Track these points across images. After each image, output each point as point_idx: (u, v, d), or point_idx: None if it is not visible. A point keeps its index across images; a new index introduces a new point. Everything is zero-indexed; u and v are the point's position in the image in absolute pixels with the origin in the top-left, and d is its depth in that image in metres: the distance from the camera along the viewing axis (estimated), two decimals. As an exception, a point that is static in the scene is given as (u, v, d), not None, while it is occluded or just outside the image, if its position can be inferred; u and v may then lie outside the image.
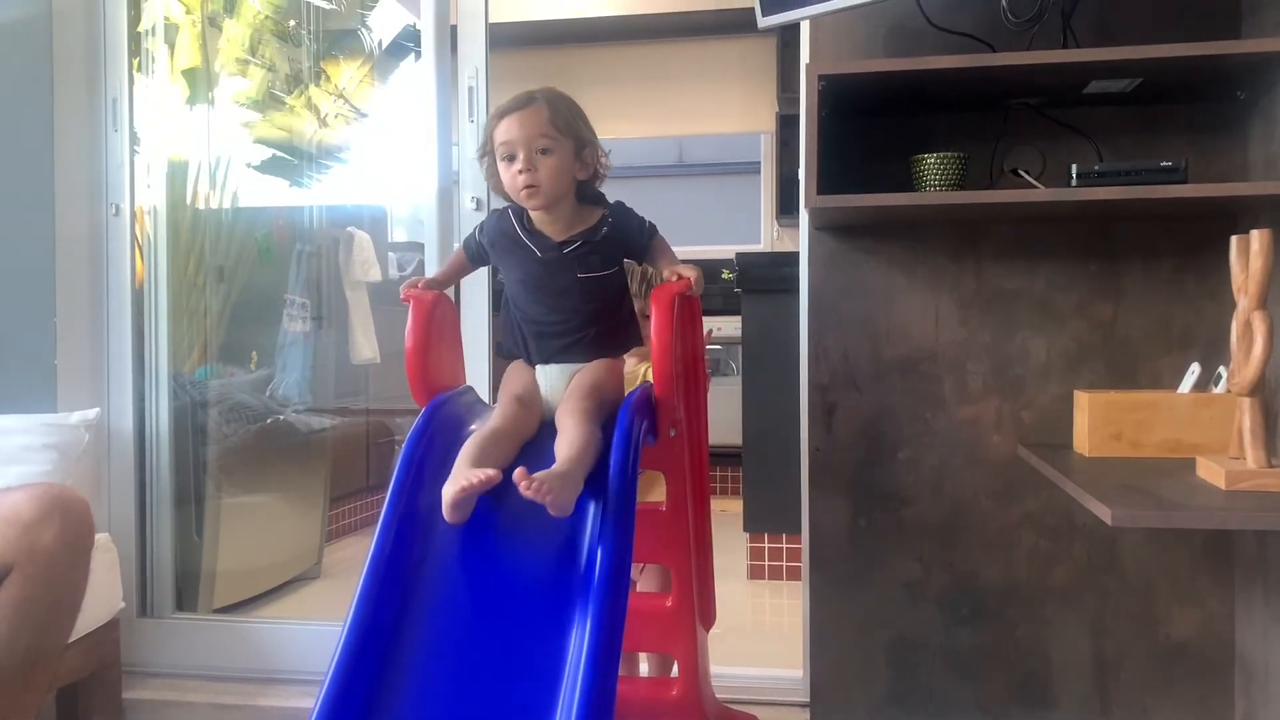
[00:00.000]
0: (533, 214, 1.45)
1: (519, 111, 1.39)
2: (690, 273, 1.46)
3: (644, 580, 1.85)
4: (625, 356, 1.73)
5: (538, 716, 1.11)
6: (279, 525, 3.09)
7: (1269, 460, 1.32)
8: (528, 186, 1.39)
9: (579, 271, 1.43)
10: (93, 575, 1.68)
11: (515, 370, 1.48)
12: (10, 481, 1.73)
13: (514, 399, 1.40)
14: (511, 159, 1.40)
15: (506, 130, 1.39)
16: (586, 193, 1.46)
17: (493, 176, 1.45)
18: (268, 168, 3.15)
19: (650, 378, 1.44)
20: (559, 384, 1.44)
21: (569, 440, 1.28)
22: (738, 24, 4.30)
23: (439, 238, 2.24)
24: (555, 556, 1.26)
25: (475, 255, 1.53)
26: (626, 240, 1.47)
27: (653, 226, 1.49)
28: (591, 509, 1.28)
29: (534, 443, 1.37)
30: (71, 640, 1.72)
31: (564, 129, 1.40)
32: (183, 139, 2.74)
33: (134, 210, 2.40)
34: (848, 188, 1.74)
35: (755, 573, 3.09)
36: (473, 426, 1.41)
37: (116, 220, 2.37)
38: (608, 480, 1.28)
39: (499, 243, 1.48)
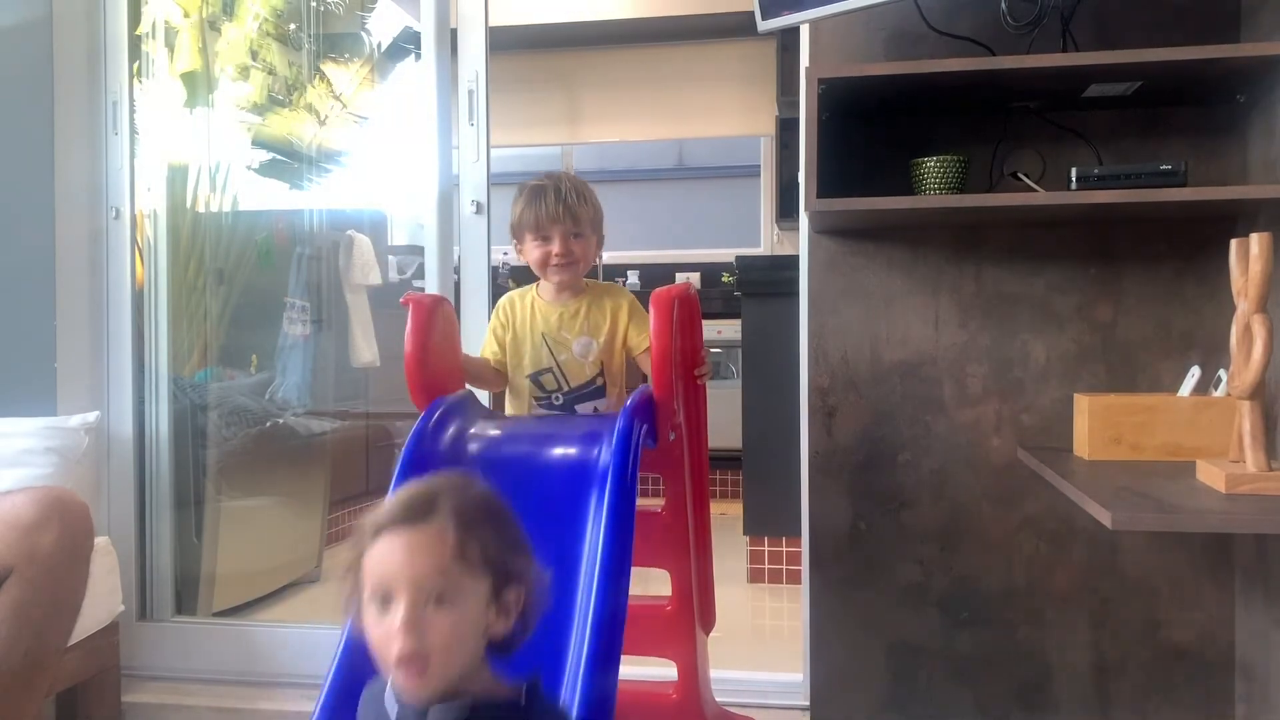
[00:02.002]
0: None
1: (409, 529, 0.86)
2: None
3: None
4: None
5: None
6: (279, 529, 3.08)
7: (1269, 463, 1.32)
8: (407, 661, 0.85)
9: None
10: (92, 578, 1.68)
11: None
12: (10, 485, 1.73)
13: None
14: (386, 604, 0.86)
15: (385, 559, 0.86)
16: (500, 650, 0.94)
17: (353, 604, 0.90)
18: (268, 171, 3.16)
19: None
20: None
21: None
22: (737, 27, 4.30)
23: (439, 241, 2.24)
24: (555, 559, 1.26)
25: None
26: None
27: None
28: (593, 510, 1.28)
29: None
30: (71, 643, 1.72)
31: (482, 560, 0.88)
32: (183, 142, 2.74)
33: (134, 213, 2.40)
34: (847, 191, 1.74)
35: (755, 576, 3.09)
36: (472, 430, 1.41)
37: (117, 223, 2.37)
38: (609, 484, 1.28)
39: None
